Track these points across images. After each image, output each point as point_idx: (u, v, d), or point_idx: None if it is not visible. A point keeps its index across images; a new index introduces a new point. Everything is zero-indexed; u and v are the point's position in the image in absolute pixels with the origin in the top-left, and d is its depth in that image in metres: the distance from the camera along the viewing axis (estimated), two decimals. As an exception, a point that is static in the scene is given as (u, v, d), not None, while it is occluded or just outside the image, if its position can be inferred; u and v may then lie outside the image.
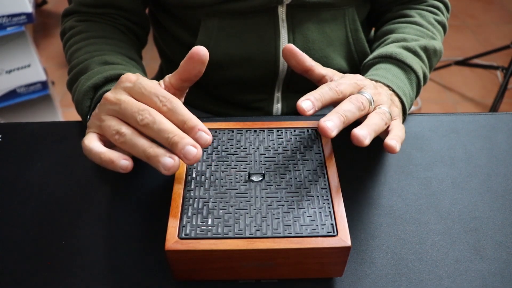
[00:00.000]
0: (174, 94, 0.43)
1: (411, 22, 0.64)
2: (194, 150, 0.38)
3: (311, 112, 0.43)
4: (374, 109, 0.47)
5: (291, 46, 0.51)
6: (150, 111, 0.39)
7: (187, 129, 0.38)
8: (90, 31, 0.61)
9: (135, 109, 0.39)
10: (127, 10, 0.64)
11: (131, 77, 0.41)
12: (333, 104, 0.46)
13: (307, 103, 0.44)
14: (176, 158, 0.38)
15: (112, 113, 0.41)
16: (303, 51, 0.64)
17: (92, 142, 0.41)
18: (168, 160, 0.38)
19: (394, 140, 0.44)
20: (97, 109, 0.43)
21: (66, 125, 0.57)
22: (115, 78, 0.51)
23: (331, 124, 0.42)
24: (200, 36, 0.63)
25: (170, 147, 0.38)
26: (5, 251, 0.44)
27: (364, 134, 0.42)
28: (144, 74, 0.58)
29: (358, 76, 0.50)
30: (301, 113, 0.43)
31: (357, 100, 0.45)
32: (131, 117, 0.39)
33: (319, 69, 0.52)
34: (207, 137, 0.38)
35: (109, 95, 0.41)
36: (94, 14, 0.63)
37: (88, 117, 0.50)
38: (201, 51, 0.40)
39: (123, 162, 0.39)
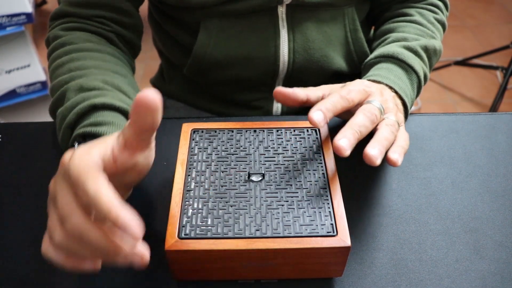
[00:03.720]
0: (138, 145, 0.37)
1: (411, 21, 0.64)
2: (144, 252, 0.32)
3: (322, 124, 0.43)
4: (383, 119, 0.47)
5: (280, 88, 0.49)
6: (77, 215, 0.32)
7: (112, 221, 0.31)
8: (74, 42, 0.56)
9: (62, 212, 0.33)
10: (118, 10, 0.60)
11: (65, 160, 0.35)
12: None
13: (318, 114, 0.43)
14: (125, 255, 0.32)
15: (52, 208, 0.35)
16: (303, 51, 0.65)
17: (48, 249, 0.35)
18: (122, 259, 0.32)
19: (396, 154, 0.44)
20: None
21: (66, 125, 0.56)
22: (87, 111, 0.47)
23: (346, 143, 0.41)
24: (200, 37, 0.63)
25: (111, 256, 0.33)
26: (5, 252, 0.44)
27: (376, 154, 0.42)
28: (130, 87, 0.54)
29: (365, 81, 0.50)
30: (313, 125, 0.42)
31: (370, 112, 0.45)
32: (61, 220, 0.33)
33: (315, 94, 0.51)
34: (135, 231, 0.31)
35: (51, 183, 0.36)
36: (82, 18, 0.59)
37: None
38: (149, 96, 0.32)
39: (88, 264, 0.34)
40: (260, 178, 0.43)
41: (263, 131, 0.48)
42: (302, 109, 0.72)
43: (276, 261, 0.39)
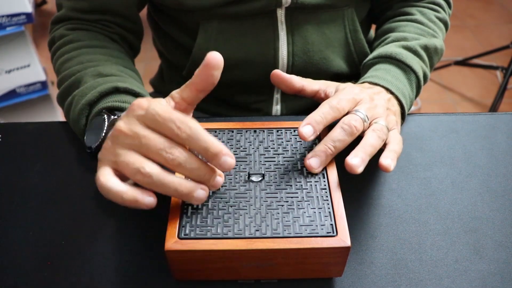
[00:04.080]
0: (185, 109, 0.41)
1: (411, 20, 0.64)
2: (221, 179, 0.39)
3: (312, 137, 0.44)
4: (370, 124, 0.47)
5: (278, 71, 0.51)
6: (178, 149, 0.36)
7: (210, 156, 0.36)
8: (82, 40, 0.58)
9: (161, 146, 0.36)
10: (121, 16, 0.62)
11: (142, 104, 0.37)
12: None
13: (307, 128, 0.44)
14: (206, 187, 0.38)
15: (129, 148, 0.37)
16: (303, 53, 0.65)
17: (109, 180, 0.37)
18: (201, 193, 0.38)
19: (388, 159, 0.44)
20: (110, 141, 0.38)
21: (66, 125, 0.57)
22: (110, 92, 0.49)
23: (315, 162, 0.43)
24: (199, 39, 0.63)
25: (202, 181, 0.38)
26: (5, 251, 0.44)
27: (357, 163, 0.42)
28: (140, 82, 0.56)
29: (355, 89, 0.50)
30: (302, 139, 0.44)
31: (350, 125, 0.45)
32: (157, 154, 0.36)
33: (311, 86, 0.52)
34: (231, 161, 0.37)
35: (122, 126, 0.37)
36: (86, 21, 0.61)
37: (85, 137, 0.48)
38: (217, 56, 0.38)
39: (148, 199, 0.37)
40: (260, 179, 0.43)
41: (263, 131, 0.48)
42: (302, 110, 0.72)
43: (276, 261, 0.39)
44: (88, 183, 0.50)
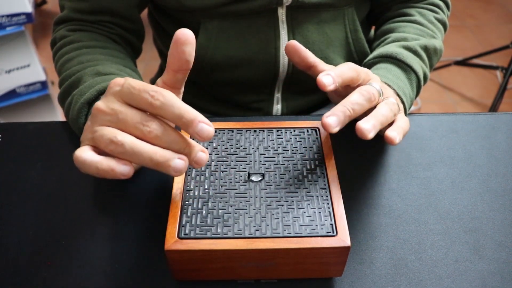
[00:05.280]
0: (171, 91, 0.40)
1: (411, 21, 0.64)
2: (204, 155, 0.38)
3: (331, 87, 0.42)
4: (382, 99, 0.47)
5: (295, 42, 0.49)
6: (155, 121, 0.36)
7: (185, 123, 0.35)
8: (82, 40, 0.58)
9: (137, 120, 0.36)
10: (123, 17, 0.62)
11: (118, 81, 0.38)
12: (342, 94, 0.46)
13: (327, 78, 0.42)
14: (185, 157, 0.37)
15: (106, 124, 0.37)
16: (303, 53, 0.64)
17: (84, 152, 0.37)
18: (179, 162, 0.36)
19: (394, 132, 0.43)
20: (89, 121, 0.39)
21: (66, 124, 0.57)
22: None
23: (333, 120, 0.41)
24: (200, 38, 0.63)
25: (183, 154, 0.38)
26: (5, 251, 0.44)
27: (368, 128, 0.41)
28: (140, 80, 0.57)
29: (365, 68, 0.49)
30: (321, 88, 0.42)
31: (368, 91, 0.44)
32: (133, 128, 0.36)
33: (322, 66, 0.51)
34: (209, 128, 0.35)
35: (100, 104, 0.38)
36: (88, 22, 0.61)
37: None
38: (186, 32, 0.37)
39: (124, 168, 0.36)
40: (260, 178, 0.43)
41: (263, 131, 0.48)
42: (303, 109, 0.72)
43: (276, 261, 0.39)
44: (88, 183, 0.50)
